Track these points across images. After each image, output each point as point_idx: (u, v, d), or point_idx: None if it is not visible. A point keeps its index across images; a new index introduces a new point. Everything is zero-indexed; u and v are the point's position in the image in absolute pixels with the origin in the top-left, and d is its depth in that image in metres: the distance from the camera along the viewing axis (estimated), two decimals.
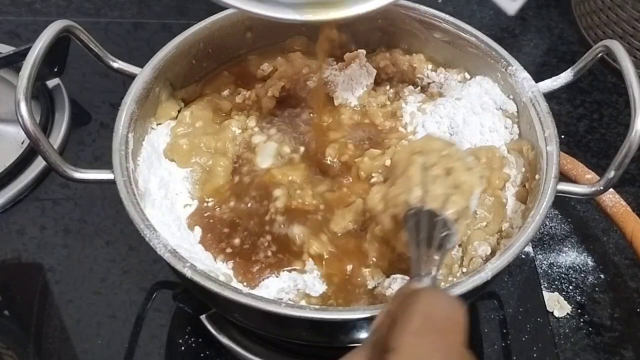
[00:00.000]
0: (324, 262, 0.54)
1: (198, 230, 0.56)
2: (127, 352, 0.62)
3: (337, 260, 0.54)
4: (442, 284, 0.52)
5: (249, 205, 0.57)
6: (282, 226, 0.55)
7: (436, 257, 0.43)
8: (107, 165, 0.53)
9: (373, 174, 0.58)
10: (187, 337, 0.62)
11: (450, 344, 0.34)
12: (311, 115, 0.64)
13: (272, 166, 0.60)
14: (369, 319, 0.45)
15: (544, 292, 0.67)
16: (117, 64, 0.61)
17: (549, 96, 0.60)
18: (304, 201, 0.57)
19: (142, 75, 0.59)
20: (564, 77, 0.61)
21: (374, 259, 0.54)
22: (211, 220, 0.56)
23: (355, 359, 0.35)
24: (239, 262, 0.54)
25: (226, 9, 0.64)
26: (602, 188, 0.53)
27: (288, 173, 0.59)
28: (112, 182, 0.52)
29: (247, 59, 0.68)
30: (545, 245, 0.72)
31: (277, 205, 0.56)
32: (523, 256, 0.69)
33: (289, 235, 0.55)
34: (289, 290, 0.52)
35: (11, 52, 0.76)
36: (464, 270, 0.53)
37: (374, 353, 0.35)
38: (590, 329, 0.65)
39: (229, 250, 0.54)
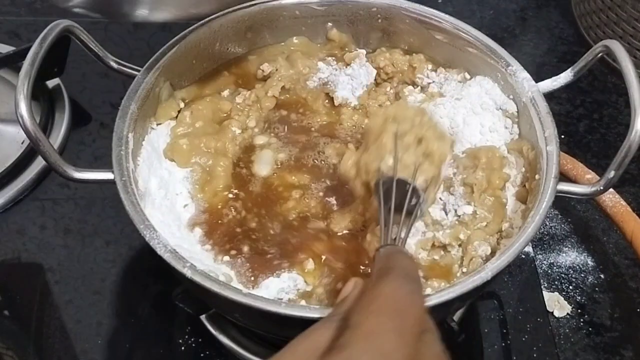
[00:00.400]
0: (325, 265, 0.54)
1: (198, 231, 0.56)
2: (127, 352, 0.62)
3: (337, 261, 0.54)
4: (441, 284, 0.52)
5: (253, 210, 0.57)
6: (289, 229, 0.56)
7: (405, 224, 0.45)
8: (107, 165, 0.53)
9: None
10: (187, 337, 0.62)
11: (407, 327, 0.35)
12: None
13: (270, 174, 0.60)
14: None
15: (544, 292, 0.67)
16: (117, 64, 0.61)
17: (549, 96, 0.60)
18: (308, 205, 0.57)
19: (142, 75, 0.59)
20: (564, 77, 0.61)
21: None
22: (214, 223, 0.56)
23: (317, 333, 0.37)
24: (242, 263, 0.54)
25: (226, 9, 0.65)
26: (602, 188, 0.53)
27: (288, 179, 0.59)
28: (112, 182, 0.52)
29: (247, 59, 0.68)
30: (545, 245, 0.72)
31: (283, 210, 0.57)
32: (523, 256, 0.69)
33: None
34: (289, 290, 0.52)
35: (11, 52, 0.76)
36: (464, 270, 0.53)
37: (338, 326, 0.37)
38: (590, 329, 0.65)
39: (233, 252, 0.55)
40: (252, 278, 0.53)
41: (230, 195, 0.58)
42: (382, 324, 0.34)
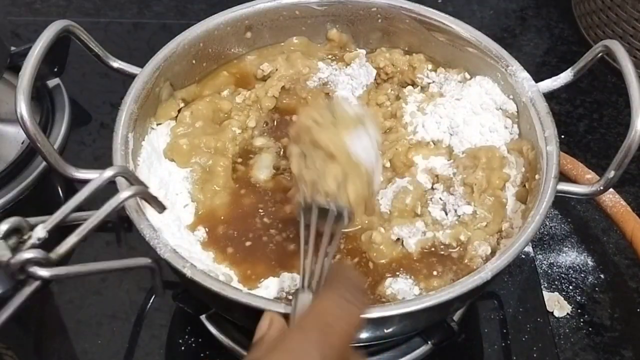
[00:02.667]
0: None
1: (200, 231, 0.55)
2: (127, 352, 0.62)
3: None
4: (441, 284, 0.52)
5: (253, 210, 0.58)
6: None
7: (325, 261, 0.44)
8: (107, 165, 0.53)
9: None
10: (187, 337, 0.62)
11: (332, 345, 0.35)
12: None
13: (270, 176, 0.60)
14: (370, 320, 0.45)
15: (544, 292, 0.67)
16: (117, 64, 0.61)
17: (549, 96, 0.60)
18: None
19: (142, 75, 0.59)
20: (564, 77, 0.61)
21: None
22: (214, 223, 0.56)
23: None
24: (242, 263, 0.54)
25: (226, 8, 0.65)
26: (602, 188, 0.53)
27: (288, 180, 0.59)
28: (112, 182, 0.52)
29: (247, 59, 0.68)
30: (545, 245, 0.72)
31: (283, 210, 0.57)
32: (523, 256, 0.69)
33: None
34: (289, 290, 0.52)
35: (11, 52, 0.76)
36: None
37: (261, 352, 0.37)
38: (590, 329, 0.65)
39: (233, 252, 0.55)
40: (252, 278, 0.53)
41: (231, 195, 0.58)
42: (306, 340, 0.35)
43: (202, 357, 0.61)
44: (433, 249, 0.55)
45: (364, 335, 0.49)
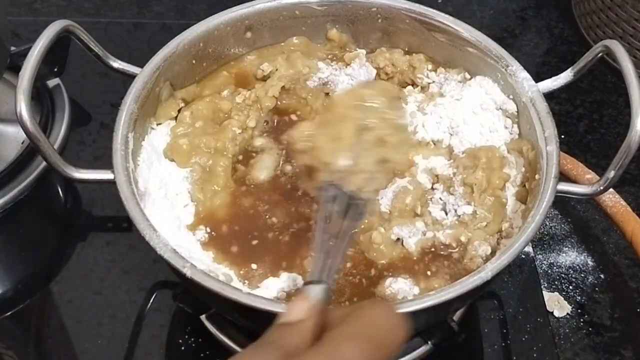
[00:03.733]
0: None
1: (200, 231, 0.55)
2: (127, 352, 0.62)
3: None
4: (441, 284, 0.52)
5: (253, 210, 0.58)
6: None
7: (337, 257, 0.41)
8: (107, 165, 0.53)
9: None
10: (187, 337, 0.62)
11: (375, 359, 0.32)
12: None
13: (270, 176, 0.60)
14: None
15: (544, 292, 0.67)
16: (117, 64, 0.61)
17: (549, 96, 0.60)
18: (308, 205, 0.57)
19: (142, 75, 0.59)
20: (564, 77, 0.61)
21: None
22: (214, 223, 0.56)
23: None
24: (242, 263, 0.54)
25: (226, 8, 0.65)
26: (602, 188, 0.53)
27: (288, 180, 0.59)
28: (112, 182, 0.52)
29: (247, 59, 0.68)
30: (545, 245, 0.72)
31: (283, 210, 0.57)
32: (523, 256, 0.69)
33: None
34: (289, 290, 0.52)
35: (11, 52, 0.76)
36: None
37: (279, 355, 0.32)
38: (590, 329, 0.65)
39: (233, 251, 0.55)
40: (252, 278, 0.53)
41: (231, 196, 0.58)
42: (351, 349, 0.31)
43: (202, 357, 0.61)
44: (433, 249, 0.55)
45: None
